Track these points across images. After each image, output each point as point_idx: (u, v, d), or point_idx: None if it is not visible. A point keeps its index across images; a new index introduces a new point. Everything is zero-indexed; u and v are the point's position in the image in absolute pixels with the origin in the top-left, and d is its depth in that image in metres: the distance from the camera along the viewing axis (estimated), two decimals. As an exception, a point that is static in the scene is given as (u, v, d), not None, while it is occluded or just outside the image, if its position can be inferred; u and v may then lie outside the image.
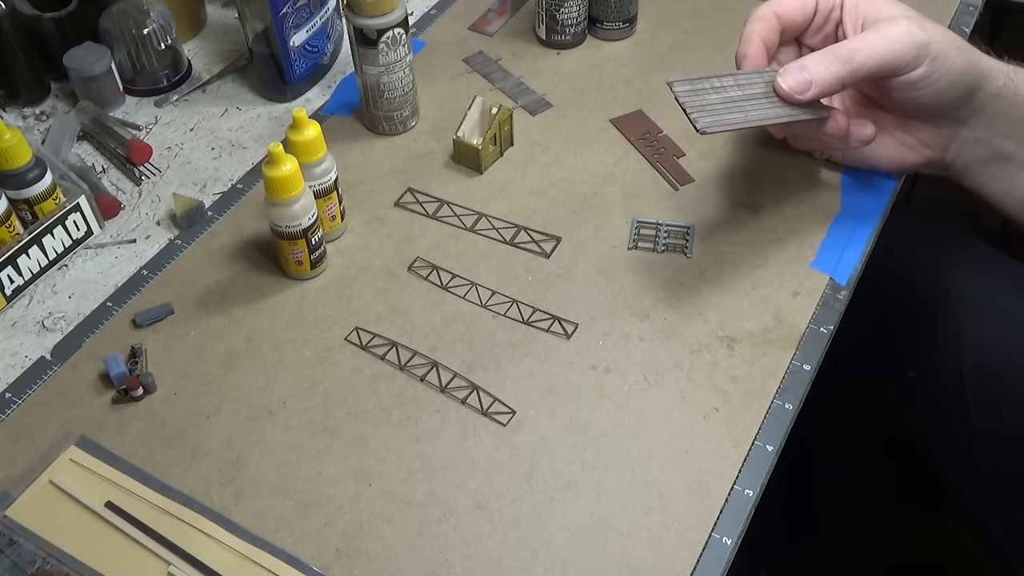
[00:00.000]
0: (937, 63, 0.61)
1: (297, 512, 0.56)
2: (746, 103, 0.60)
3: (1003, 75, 0.64)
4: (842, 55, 0.61)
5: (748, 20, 0.67)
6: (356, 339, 0.66)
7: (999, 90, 0.64)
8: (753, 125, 0.60)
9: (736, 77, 0.62)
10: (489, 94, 0.84)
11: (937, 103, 0.64)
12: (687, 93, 0.58)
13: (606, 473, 0.58)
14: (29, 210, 0.70)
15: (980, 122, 0.66)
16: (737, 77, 0.62)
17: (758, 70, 0.64)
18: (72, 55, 0.83)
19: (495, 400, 0.61)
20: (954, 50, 0.62)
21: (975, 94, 0.64)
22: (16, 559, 0.54)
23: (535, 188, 0.76)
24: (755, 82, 0.62)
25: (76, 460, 0.59)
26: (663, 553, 0.54)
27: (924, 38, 0.61)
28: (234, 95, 0.87)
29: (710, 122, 0.57)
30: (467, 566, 0.54)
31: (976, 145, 0.67)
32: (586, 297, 0.67)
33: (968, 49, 0.63)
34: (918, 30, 0.61)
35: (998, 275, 0.79)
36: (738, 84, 0.61)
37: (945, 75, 0.62)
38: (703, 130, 0.57)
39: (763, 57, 0.65)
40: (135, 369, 0.64)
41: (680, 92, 0.58)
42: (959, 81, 0.63)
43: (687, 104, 0.57)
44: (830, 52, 0.61)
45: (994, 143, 0.67)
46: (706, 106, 0.58)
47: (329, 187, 0.69)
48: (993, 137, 0.67)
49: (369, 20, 0.73)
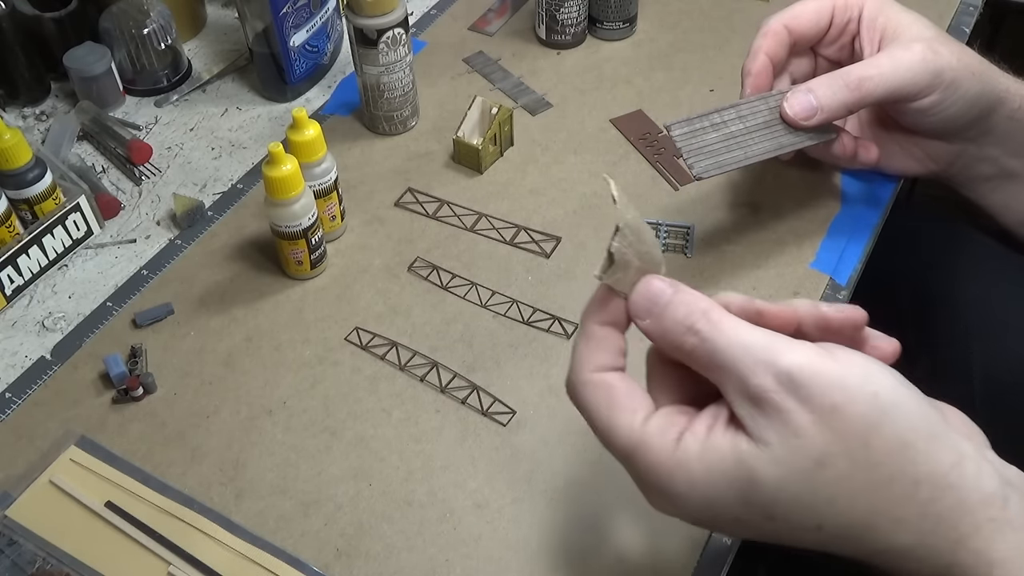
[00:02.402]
0: (950, 91, 0.59)
1: (297, 512, 0.56)
2: (747, 137, 0.59)
3: (1019, 97, 0.62)
4: (851, 82, 0.59)
5: (758, 33, 0.65)
6: (356, 339, 0.66)
7: (1013, 112, 0.63)
8: (754, 161, 0.58)
9: (738, 108, 0.60)
10: (489, 94, 0.84)
11: (948, 127, 0.63)
12: (685, 136, 0.57)
13: (606, 473, 0.57)
14: (29, 210, 0.70)
15: (990, 141, 0.65)
16: (739, 108, 0.60)
17: (762, 95, 0.62)
18: (72, 55, 0.83)
19: (495, 400, 0.61)
20: (968, 76, 0.60)
21: (989, 117, 0.63)
22: (16, 559, 0.54)
23: (535, 188, 0.76)
24: (758, 110, 0.61)
25: (76, 460, 0.59)
26: (663, 553, 0.54)
27: (937, 65, 0.58)
28: (234, 95, 0.87)
29: (707, 165, 0.56)
30: (467, 566, 0.54)
31: (983, 162, 0.66)
32: (586, 297, 0.67)
33: (983, 72, 0.61)
34: (932, 56, 0.59)
35: (1002, 271, 0.79)
36: (740, 116, 0.60)
37: (957, 102, 0.60)
38: (699, 175, 0.56)
39: (768, 74, 0.64)
40: (135, 369, 0.64)
41: (678, 136, 0.57)
42: (972, 107, 0.61)
43: (684, 148, 0.56)
44: (839, 77, 0.59)
45: (1001, 161, 0.66)
46: (703, 148, 0.57)
47: (329, 187, 0.69)
48: (1002, 156, 0.66)
49: (369, 20, 0.73)
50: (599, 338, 0.44)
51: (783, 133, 0.60)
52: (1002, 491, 0.38)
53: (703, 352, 0.40)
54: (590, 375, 0.43)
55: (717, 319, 0.40)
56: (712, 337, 0.39)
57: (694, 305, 0.41)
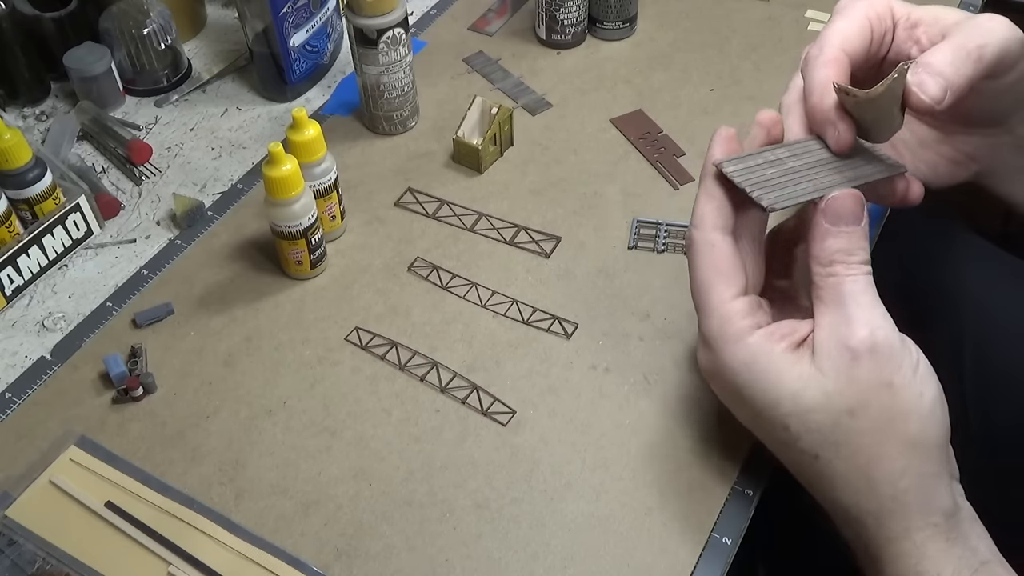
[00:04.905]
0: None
1: (297, 512, 0.56)
2: (809, 171, 0.52)
3: None
4: (972, 51, 0.50)
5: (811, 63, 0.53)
6: (356, 339, 0.66)
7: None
8: (825, 193, 0.51)
9: (790, 147, 0.54)
10: (489, 94, 0.84)
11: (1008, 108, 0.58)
12: (741, 172, 0.51)
13: (606, 473, 0.58)
14: (29, 210, 0.70)
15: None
16: (791, 147, 0.54)
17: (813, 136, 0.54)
18: (72, 55, 0.83)
19: (495, 400, 0.61)
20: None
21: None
22: (16, 559, 0.54)
23: (535, 188, 0.76)
24: (812, 148, 0.53)
25: (76, 460, 0.59)
26: (663, 553, 0.54)
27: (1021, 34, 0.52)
28: (234, 95, 0.87)
29: (776, 197, 0.50)
30: (467, 566, 0.54)
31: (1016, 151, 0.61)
32: (586, 297, 0.67)
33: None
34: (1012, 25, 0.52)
35: (1000, 273, 0.79)
36: (794, 154, 0.53)
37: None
38: (770, 207, 0.50)
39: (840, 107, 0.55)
40: (135, 369, 0.64)
41: (733, 172, 0.51)
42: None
43: (744, 182, 0.50)
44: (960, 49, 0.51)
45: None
46: (765, 181, 0.51)
47: (329, 187, 0.69)
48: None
49: (369, 20, 0.73)
50: (719, 198, 0.51)
51: (847, 168, 0.53)
52: (953, 510, 0.48)
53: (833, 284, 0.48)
54: (710, 233, 0.51)
55: (863, 271, 0.49)
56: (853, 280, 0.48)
57: (859, 247, 0.49)
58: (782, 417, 0.48)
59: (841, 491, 0.48)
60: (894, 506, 0.47)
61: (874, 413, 0.47)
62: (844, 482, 0.48)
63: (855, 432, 0.47)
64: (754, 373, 0.48)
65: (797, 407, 0.47)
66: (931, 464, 0.48)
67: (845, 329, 0.47)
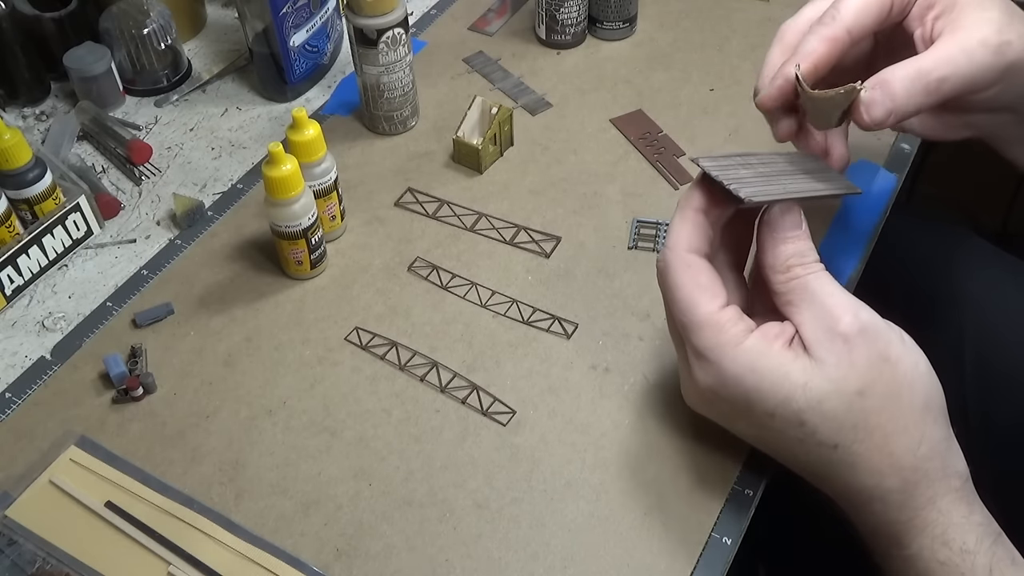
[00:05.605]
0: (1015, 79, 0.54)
1: (297, 512, 0.56)
2: (780, 177, 0.56)
3: None
4: (931, 84, 0.52)
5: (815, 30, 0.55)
6: (356, 339, 0.66)
7: None
8: (792, 197, 0.54)
9: (759, 156, 0.56)
10: (489, 94, 0.84)
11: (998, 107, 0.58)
12: (718, 167, 0.54)
13: (606, 473, 0.58)
14: (29, 210, 0.70)
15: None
16: (760, 156, 0.57)
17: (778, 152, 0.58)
18: (72, 55, 0.83)
19: (495, 400, 0.61)
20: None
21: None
22: (16, 559, 0.54)
23: (535, 188, 0.76)
24: (777, 160, 0.57)
25: (76, 460, 0.59)
26: (663, 553, 0.54)
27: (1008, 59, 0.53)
28: (234, 95, 0.87)
29: (753, 192, 0.52)
30: (467, 566, 0.54)
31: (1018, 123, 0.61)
32: (586, 297, 0.67)
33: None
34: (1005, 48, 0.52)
35: (1000, 273, 0.79)
36: (763, 162, 0.56)
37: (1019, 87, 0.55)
38: (748, 199, 0.52)
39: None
40: (135, 369, 0.64)
41: (710, 167, 0.53)
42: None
43: (722, 177, 0.53)
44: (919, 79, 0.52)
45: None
46: (740, 179, 0.53)
47: (329, 187, 0.69)
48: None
49: (369, 20, 0.73)
50: (695, 222, 0.52)
51: (811, 179, 0.57)
52: (966, 473, 0.50)
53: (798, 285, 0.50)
54: (685, 254, 0.51)
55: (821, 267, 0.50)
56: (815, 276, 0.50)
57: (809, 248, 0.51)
58: (796, 413, 0.48)
59: (863, 475, 0.49)
60: (917, 477, 0.48)
61: (881, 389, 0.48)
62: (866, 465, 0.48)
63: (869, 411, 0.48)
64: (760, 374, 0.48)
65: (809, 399, 0.48)
66: (942, 428, 0.49)
67: (829, 320, 0.48)
